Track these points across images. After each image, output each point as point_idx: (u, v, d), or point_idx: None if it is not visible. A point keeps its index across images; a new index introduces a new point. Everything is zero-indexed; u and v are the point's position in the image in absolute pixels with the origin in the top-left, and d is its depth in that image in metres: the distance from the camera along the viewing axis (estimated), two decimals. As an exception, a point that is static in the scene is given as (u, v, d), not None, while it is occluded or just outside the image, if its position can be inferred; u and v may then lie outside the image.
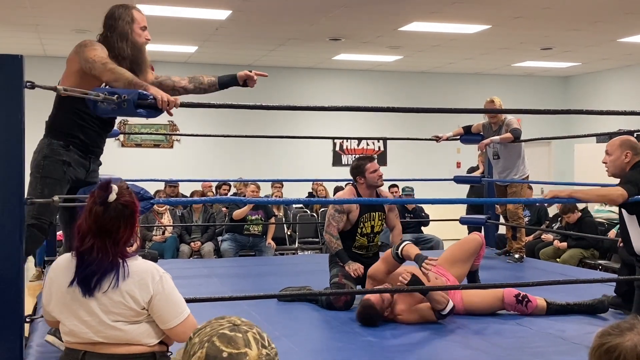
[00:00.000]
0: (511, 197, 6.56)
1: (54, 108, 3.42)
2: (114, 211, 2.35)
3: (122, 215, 2.36)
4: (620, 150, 4.10)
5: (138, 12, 3.54)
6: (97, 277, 2.31)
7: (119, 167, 9.77)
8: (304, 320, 4.21)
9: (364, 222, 4.79)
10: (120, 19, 3.44)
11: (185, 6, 8.17)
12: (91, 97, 3.02)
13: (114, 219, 2.35)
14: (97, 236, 2.34)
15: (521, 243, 6.67)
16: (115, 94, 3.06)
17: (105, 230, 2.34)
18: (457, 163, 13.18)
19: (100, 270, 2.31)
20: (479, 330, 3.96)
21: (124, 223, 2.36)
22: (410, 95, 13.45)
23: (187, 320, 2.41)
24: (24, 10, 8.29)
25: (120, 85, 3.13)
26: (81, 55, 3.23)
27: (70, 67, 3.31)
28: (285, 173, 11.81)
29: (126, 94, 3.02)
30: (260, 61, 12.28)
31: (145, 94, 3.03)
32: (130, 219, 2.38)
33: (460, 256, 4.61)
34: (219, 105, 3.44)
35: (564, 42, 10.49)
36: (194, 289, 5.05)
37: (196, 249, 8.57)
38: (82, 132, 3.40)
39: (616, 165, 4.11)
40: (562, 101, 13.87)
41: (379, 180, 4.88)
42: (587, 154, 12.44)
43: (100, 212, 2.34)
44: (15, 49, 10.31)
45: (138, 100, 3.03)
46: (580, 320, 4.16)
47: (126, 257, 2.37)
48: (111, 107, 3.05)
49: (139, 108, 3.06)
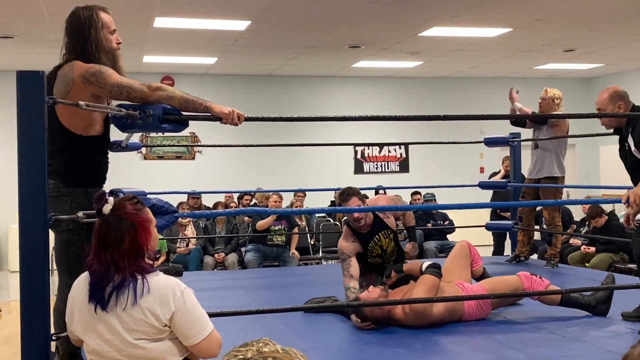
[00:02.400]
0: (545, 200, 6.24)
1: (64, 151, 3.12)
2: (110, 223, 2.32)
3: (119, 227, 2.31)
4: (612, 104, 3.99)
5: (105, 13, 3.23)
6: (110, 291, 2.27)
7: (141, 180, 9.84)
8: (330, 332, 4.15)
9: (371, 249, 4.65)
10: (91, 25, 3.13)
11: (204, 18, 8.19)
12: (115, 113, 2.98)
13: (111, 231, 2.31)
14: (98, 249, 2.32)
15: (556, 249, 6.48)
16: (139, 109, 3.03)
17: (105, 242, 2.31)
18: (480, 168, 13.07)
19: (107, 283, 2.28)
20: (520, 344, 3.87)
21: (124, 235, 2.31)
22: (432, 101, 13.37)
23: (210, 335, 2.36)
24: (45, 25, 8.36)
25: (176, 103, 3.03)
26: (104, 83, 3.03)
27: (74, 97, 2.99)
28: (307, 182, 11.78)
29: (151, 109, 2.98)
30: (280, 70, 12.28)
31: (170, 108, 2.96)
32: (131, 231, 2.32)
33: (453, 265, 4.53)
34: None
35: (586, 43, 10.36)
36: (219, 301, 5.02)
37: (220, 260, 8.55)
38: (104, 166, 3.31)
39: (612, 119, 4.01)
40: (585, 103, 13.71)
41: (358, 225, 4.54)
42: (612, 157, 12.26)
43: (98, 225, 2.33)
44: (37, 64, 10.40)
45: (163, 115, 2.99)
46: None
47: (146, 273, 2.32)
48: (137, 123, 3.01)
49: (164, 123, 3.02)
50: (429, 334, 4.04)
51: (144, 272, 2.32)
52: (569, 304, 4.32)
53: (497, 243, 9.08)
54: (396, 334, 4.05)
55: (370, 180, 12.57)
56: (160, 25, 8.48)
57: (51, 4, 7.38)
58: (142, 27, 8.47)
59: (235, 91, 12.55)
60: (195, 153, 12.57)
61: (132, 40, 8.99)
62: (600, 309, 4.29)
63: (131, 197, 2.45)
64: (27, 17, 8.00)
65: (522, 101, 6.52)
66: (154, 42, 9.48)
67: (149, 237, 2.39)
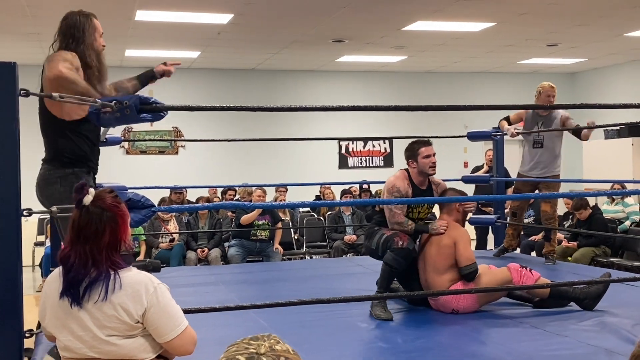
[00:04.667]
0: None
1: (53, 135, 3.36)
2: (91, 215, 2.25)
3: (100, 220, 2.25)
4: None
5: (96, 19, 3.54)
6: (84, 285, 2.22)
7: (124, 175, 9.74)
8: (313, 328, 4.11)
9: (414, 207, 4.53)
10: (85, 29, 3.42)
11: (186, 11, 8.11)
12: (91, 106, 2.94)
13: (92, 223, 2.25)
14: (76, 242, 2.25)
15: (555, 245, 6.43)
16: (114, 100, 2.98)
17: (84, 235, 2.24)
18: (464, 163, 13.07)
19: (84, 277, 2.22)
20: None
21: (104, 228, 2.25)
22: (416, 95, 13.36)
23: (184, 332, 2.31)
24: (25, 19, 8.25)
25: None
26: (52, 65, 3.17)
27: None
28: (292, 177, 11.74)
29: (127, 99, 2.94)
30: (264, 65, 12.22)
31: (147, 97, 2.96)
32: (109, 224, 2.27)
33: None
34: (223, 107, 3.39)
35: (570, 38, 10.38)
36: (201, 297, 4.97)
37: (203, 256, 8.49)
38: (92, 151, 3.45)
39: None
40: (569, 98, 13.74)
41: (431, 169, 4.49)
42: (595, 150, 12.33)
43: (77, 216, 2.26)
44: (17, 57, 10.26)
45: (140, 104, 2.95)
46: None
47: (118, 268, 2.27)
48: (115, 116, 2.97)
49: (143, 112, 2.98)
50: (411, 329, 4.03)
51: (117, 267, 2.27)
52: (558, 296, 4.31)
53: (479, 237, 9.08)
54: (379, 329, 4.03)
55: (355, 174, 12.54)
56: (142, 19, 8.39)
57: (30, -4, 7.29)
58: (123, 20, 8.37)
59: (219, 85, 12.47)
60: (178, 148, 12.47)
61: (114, 34, 8.88)
62: (587, 303, 4.28)
63: (109, 189, 2.40)
64: (7, 10, 7.88)
65: (506, 95, 6.52)
66: (135, 35, 9.38)
67: (127, 230, 2.36)
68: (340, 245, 9.02)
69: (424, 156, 4.48)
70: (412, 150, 4.53)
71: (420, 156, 4.49)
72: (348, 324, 4.13)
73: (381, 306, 4.29)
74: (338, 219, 9.44)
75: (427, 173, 4.53)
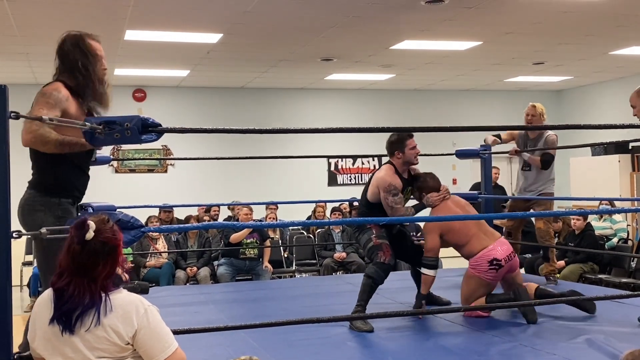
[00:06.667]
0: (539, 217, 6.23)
1: (42, 160, 3.25)
2: (92, 249, 2.28)
3: (100, 253, 2.28)
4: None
5: (97, 42, 3.46)
6: (77, 314, 2.23)
7: (113, 194, 9.72)
8: (302, 347, 4.11)
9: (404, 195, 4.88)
10: (91, 55, 3.38)
11: (175, 31, 8.15)
12: (85, 128, 2.93)
13: (92, 257, 2.27)
14: (75, 274, 2.27)
15: (554, 265, 6.37)
16: (115, 122, 2.96)
17: (84, 268, 2.27)
18: (453, 180, 13.13)
19: (78, 307, 2.24)
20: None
21: (103, 260, 2.29)
22: (404, 113, 13.43)
23: (174, 354, 2.33)
24: (14, 39, 8.26)
25: (52, 146, 3.12)
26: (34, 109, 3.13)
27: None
28: (282, 194, 11.75)
29: (128, 121, 2.93)
30: (253, 83, 12.26)
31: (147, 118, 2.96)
32: (111, 255, 2.31)
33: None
34: (213, 130, 3.38)
35: (556, 56, 10.49)
36: (190, 316, 4.97)
37: (192, 275, 8.47)
38: (80, 181, 3.39)
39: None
40: (556, 115, 13.86)
41: (416, 159, 4.87)
42: (582, 168, 12.42)
43: (78, 251, 2.27)
44: (6, 77, 10.27)
45: (142, 126, 2.94)
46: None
47: (109, 291, 2.29)
48: (113, 137, 2.96)
49: (144, 134, 2.97)
50: (401, 342, 4.03)
51: (108, 290, 2.29)
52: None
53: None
54: (368, 348, 4.04)
55: (344, 192, 12.56)
56: (131, 38, 8.42)
57: (20, 17, 7.29)
58: (112, 39, 8.40)
59: (209, 104, 12.49)
60: (167, 166, 12.47)
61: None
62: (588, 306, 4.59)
63: (103, 218, 2.40)
64: (-5, 29, 7.90)
65: (493, 113, 6.59)
66: (125, 55, 9.40)
67: (122, 255, 2.39)
68: (330, 263, 9.02)
69: (411, 147, 4.82)
70: (401, 142, 4.83)
71: (407, 147, 4.81)
72: (335, 343, 4.14)
73: (361, 319, 4.33)
74: (327, 237, 9.45)
75: (413, 163, 4.89)
